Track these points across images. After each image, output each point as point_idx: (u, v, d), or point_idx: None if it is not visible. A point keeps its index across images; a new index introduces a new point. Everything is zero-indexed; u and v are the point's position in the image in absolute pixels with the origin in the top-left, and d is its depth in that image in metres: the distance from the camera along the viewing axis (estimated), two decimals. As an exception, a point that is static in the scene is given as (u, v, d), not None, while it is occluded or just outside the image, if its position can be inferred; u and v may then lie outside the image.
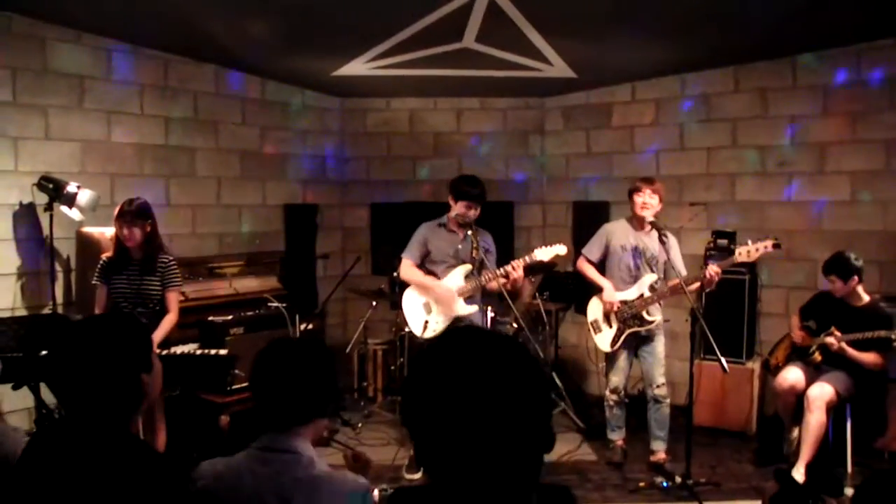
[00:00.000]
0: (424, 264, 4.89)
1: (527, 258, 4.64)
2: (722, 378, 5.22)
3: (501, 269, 4.60)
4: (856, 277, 4.52)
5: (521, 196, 7.20)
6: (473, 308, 4.80)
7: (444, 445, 1.20)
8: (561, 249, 4.67)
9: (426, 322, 4.76)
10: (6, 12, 4.67)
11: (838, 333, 4.53)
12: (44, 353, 3.87)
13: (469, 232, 4.71)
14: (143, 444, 1.82)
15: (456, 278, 4.78)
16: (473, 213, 4.71)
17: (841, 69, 5.54)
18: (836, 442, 4.73)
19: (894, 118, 5.34)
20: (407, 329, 5.11)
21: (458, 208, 4.72)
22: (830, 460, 4.64)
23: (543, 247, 4.68)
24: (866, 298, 4.58)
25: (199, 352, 4.25)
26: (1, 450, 1.91)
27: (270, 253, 6.18)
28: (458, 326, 4.01)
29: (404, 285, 4.94)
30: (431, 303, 4.81)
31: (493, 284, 4.65)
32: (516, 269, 4.54)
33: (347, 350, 6.04)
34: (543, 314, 6.01)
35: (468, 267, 4.78)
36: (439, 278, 4.81)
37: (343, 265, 6.75)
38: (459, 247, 4.81)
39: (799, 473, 4.41)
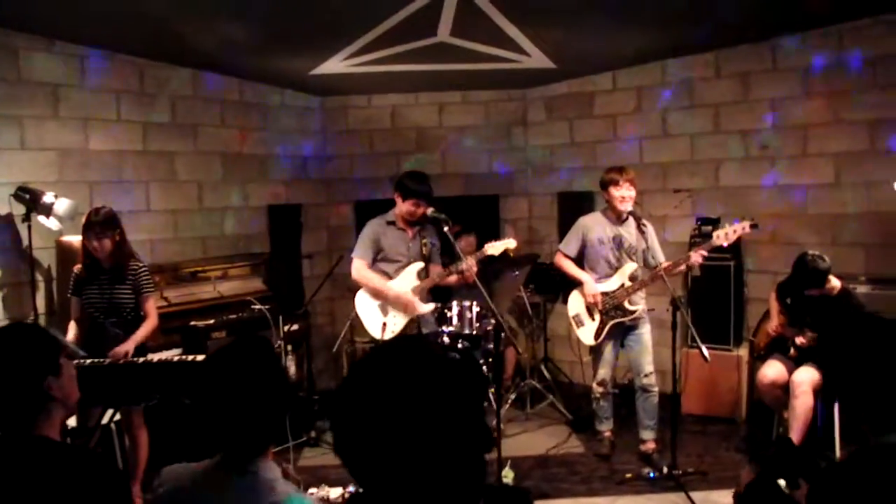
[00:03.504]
0: (376, 263, 4.86)
1: (478, 254, 4.70)
2: (710, 365, 5.19)
3: (457, 268, 4.62)
4: (829, 277, 4.47)
5: (507, 189, 7.17)
6: (430, 306, 4.81)
7: (379, 462, 1.19)
8: (510, 243, 4.72)
9: (384, 324, 4.75)
10: (-24, 24, 4.65)
11: (810, 334, 4.56)
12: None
13: (418, 228, 4.78)
14: (50, 441, 1.82)
15: (409, 278, 4.78)
16: (422, 211, 4.70)
17: (822, 50, 5.48)
18: (824, 426, 4.71)
19: (877, 98, 5.28)
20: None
21: (405, 206, 4.71)
22: (819, 445, 4.62)
23: (494, 242, 4.72)
24: (838, 285, 4.52)
25: (176, 358, 4.22)
26: None
27: (255, 255, 6.16)
28: (380, 344, 4.00)
29: (356, 287, 4.91)
30: (388, 304, 4.79)
31: (451, 279, 4.75)
32: (471, 266, 4.54)
33: (334, 349, 6.02)
34: (528, 307, 5.99)
35: (420, 265, 4.80)
36: (392, 278, 4.80)
37: (330, 264, 6.71)
38: (410, 244, 4.82)
39: (786, 459, 4.39)
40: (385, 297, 4.76)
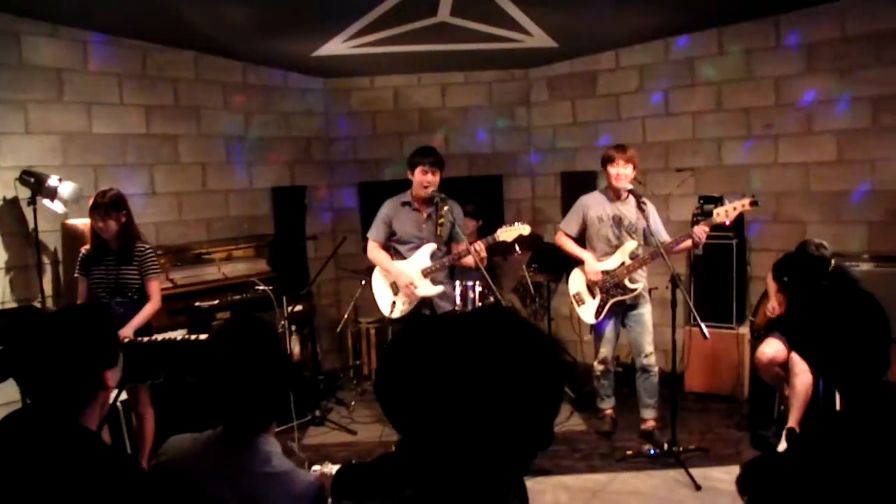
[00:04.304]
0: (391, 244, 4.90)
1: (489, 239, 4.65)
2: (713, 343, 5.22)
3: (465, 251, 4.59)
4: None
5: (510, 169, 7.16)
6: (439, 288, 4.84)
7: (436, 429, 1.15)
8: (524, 229, 4.66)
9: (393, 302, 4.80)
10: (-22, 9, 4.67)
11: None
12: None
13: (433, 209, 4.76)
14: (93, 435, 1.84)
15: (421, 258, 4.80)
16: (431, 178, 4.72)
17: (825, 26, 5.43)
18: (825, 403, 4.72)
19: (880, 74, 5.24)
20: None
21: (417, 177, 4.74)
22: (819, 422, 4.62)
23: (506, 227, 4.68)
24: (833, 263, 4.53)
25: (179, 338, 4.28)
26: None
27: (259, 236, 6.20)
28: (488, 307, 4.03)
29: (361, 269, 4.98)
30: (397, 283, 4.83)
31: (468, 260, 4.66)
32: (480, 251, 4.55)
33: (338, 329, 6.08)
34: (531, 287, 6.01)
35: (433, 246, 4.82)
36: (405, 258, 4.83)
37: (334, 245, 6.76)
38: (424, 225, 4.84)
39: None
40: (392, 275, 4.83)
